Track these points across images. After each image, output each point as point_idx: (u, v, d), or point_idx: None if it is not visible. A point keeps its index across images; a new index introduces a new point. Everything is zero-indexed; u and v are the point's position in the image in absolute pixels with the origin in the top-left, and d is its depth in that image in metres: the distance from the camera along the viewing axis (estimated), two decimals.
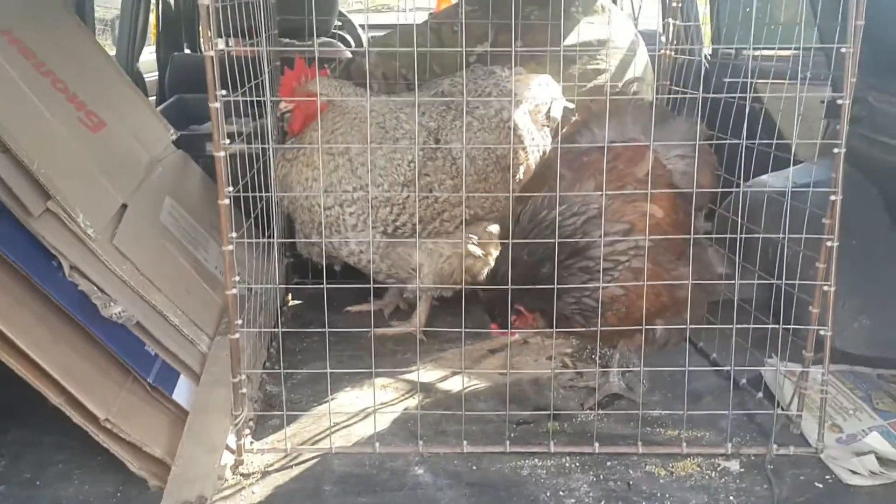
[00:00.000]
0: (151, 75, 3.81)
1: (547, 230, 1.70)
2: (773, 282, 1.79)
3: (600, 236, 1.69)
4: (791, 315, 1.78)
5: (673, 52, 2.39)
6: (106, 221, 1.78)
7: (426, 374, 2.02)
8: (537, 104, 2.32)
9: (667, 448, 1.69)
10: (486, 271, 2.18)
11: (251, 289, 1.92)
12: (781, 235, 1.70)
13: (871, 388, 1.91)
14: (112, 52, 3.46)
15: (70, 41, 2.19)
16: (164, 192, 2.13)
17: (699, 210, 1.87)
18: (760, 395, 1.86)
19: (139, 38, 3.50)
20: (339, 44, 3.89)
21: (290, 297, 2.51)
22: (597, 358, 2.09)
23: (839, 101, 1.60)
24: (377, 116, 2.12)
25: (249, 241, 1.73)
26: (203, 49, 1.56)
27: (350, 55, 4.19)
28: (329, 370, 1.71)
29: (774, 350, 1.89)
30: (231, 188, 1.59)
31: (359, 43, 4.80)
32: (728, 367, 1.87)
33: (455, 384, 1.97)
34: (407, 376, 2.00)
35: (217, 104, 1.55)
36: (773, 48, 2.17)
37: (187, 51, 4.04)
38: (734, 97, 1.88)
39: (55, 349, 1.54)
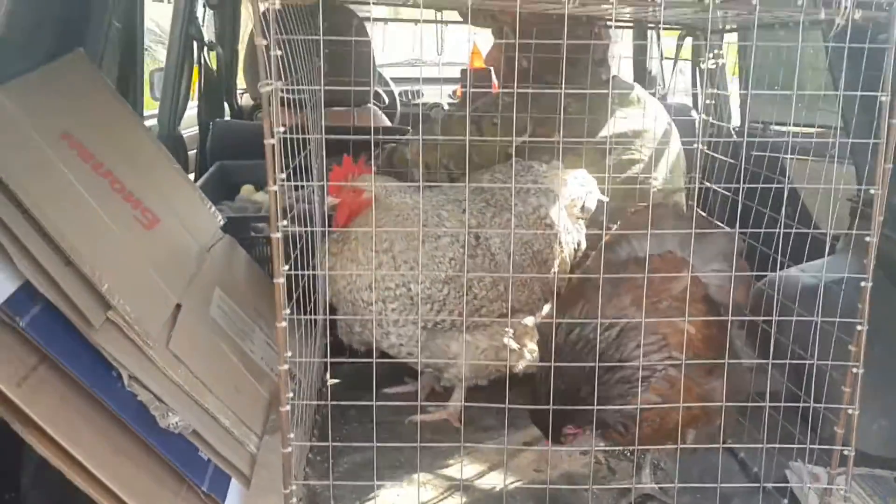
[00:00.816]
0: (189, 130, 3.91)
1: (584, 349, 1.76)
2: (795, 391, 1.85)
3: (636, 347, 1.76)
4: (818, 418, 1.83)
5: (705, 147, 2.44)
6: (162, 325, 1.85)
7: (465, 468, 2.08)
8: (573, 199, 2.39)
9: None
10: (521, 364, 2.24)
11: (295, 376, 1.98)
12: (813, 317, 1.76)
13: (888, 493, 1.95)
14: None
15: (121, 131, 2.26)
16: (214, 284, 2.20)
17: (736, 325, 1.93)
18: (786, 501, 1.91)
19: (182, 101, 3.60)
20: (377, 110, 3.98)
21: (328, 376, 2.57)
22: (629, 455, 2.14)
23: (872, 192, 1.64)
24: (425, 213, 2.19)
25: (298, 317, 1.77)
26: (264, 133, 1.59)
27: (388, 121, 4.29)
28: (375, 481, 1.77)
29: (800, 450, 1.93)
30: (287, 267, 1.63)
31: (393, 104, 4.90)
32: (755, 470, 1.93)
33: (492, 480, 2.03)
34: (446, 471, 2.06)
35: (275, 188, 1.58)
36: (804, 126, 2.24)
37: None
38: (769, 186, 1.91)
39: (115, 462, 1.60)
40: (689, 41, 3.66)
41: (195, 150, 3.86)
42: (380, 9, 3.32)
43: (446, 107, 5.33)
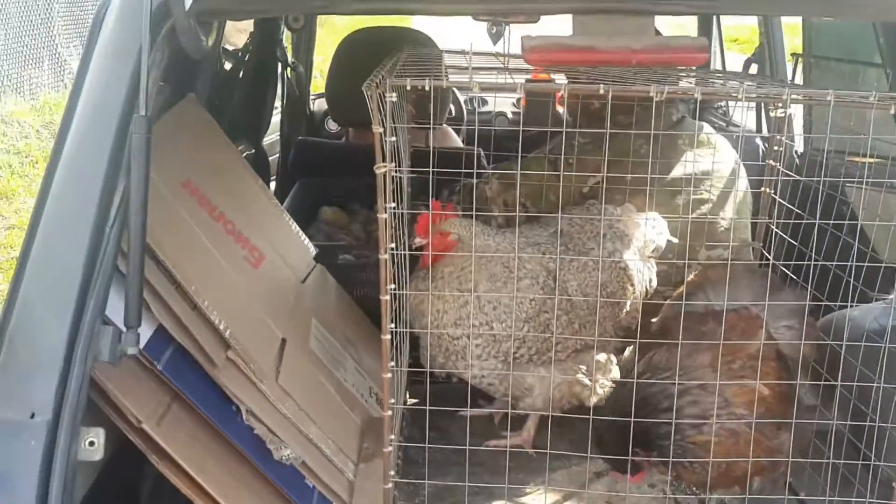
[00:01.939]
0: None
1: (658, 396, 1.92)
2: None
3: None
4: (881, 454, 1.97)
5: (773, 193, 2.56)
6: (271, 361, 2.04)
7: (540, 497, 2.24)
8: (646, 241, 2.53)
9: None
10: (593, 399, 2.40)
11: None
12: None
13: None
14: None
15: (228, 171, 2.44)
16: (311, 315, 2.38)
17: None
18: None
19: (267, 117, 3.78)
20: (450, 130, 4.13)
21: (407, 395, 2.75)
22: (696, 492, 2.28)
23: None
24: (502, 257, 2.35)
25: (401, 330, 1.93)
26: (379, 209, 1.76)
27: (458, 140, 4.43)
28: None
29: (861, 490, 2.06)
30: (393, 286, 1.77)
31: (460, 113, 5.02)
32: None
33: None
34: (523, 499, 2.23)
35: (385, 216, 1.75)
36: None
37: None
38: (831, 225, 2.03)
39: (238, 495, 1.80)
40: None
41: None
42: None
43: (510, 115, 5.45)
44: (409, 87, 1.68)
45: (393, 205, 1.73)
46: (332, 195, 3.47)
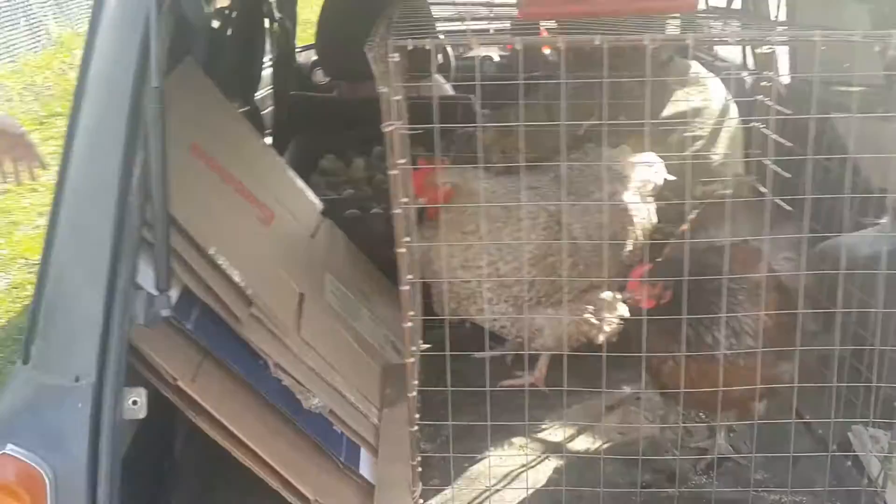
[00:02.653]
0: None
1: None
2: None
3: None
4: (881, 376, 2.06)
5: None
6: (292, 315, 2.11)
7: (556, 432, 2.33)
8: (643, 181, 2.59)
9: None
10: (600, 336, 2.48)
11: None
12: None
13: None
14: None
15: (232, 131, 2.48)
16: (324, 269, 2.45)
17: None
18: (849, 463, 2.15)
19: (257, 74, 3.79)
20: (441, 79, 4.14)
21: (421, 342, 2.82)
22: (705, 417, 2.38)
23: None
24: (500, 199, 2.41)
25: (418, 281, 2.01)
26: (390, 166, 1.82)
27: (451, 90, 4.44)
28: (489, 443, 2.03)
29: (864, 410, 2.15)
30: (408, 238, 1.85)
31: (447, 60, 5.01)
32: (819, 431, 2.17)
33: (583, 443, 2.29)
34: (540, 435, 2.32)
35: (396, 172, 1.80)
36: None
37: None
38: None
39: (272, 442, 1.87)
40: None
41: None
42: None
43: (496, 58, 5.45)
44: (410, 48, 1.71)
45: (403, 160, 1.79)
46: (328, 147, 3.51)
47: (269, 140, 3.95)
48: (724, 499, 2.05)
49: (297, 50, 4.82)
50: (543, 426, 2.34)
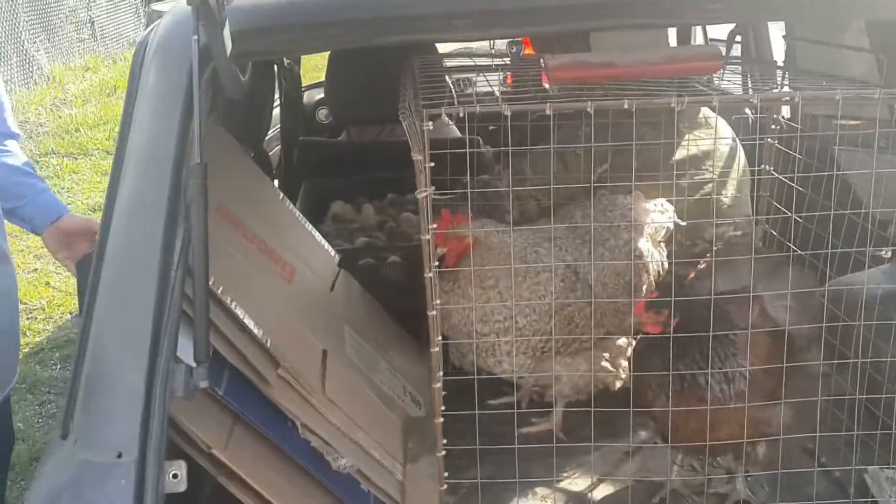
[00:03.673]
0: None
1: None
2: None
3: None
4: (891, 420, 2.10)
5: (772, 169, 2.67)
6: (317, 373, 2.14)
7: (576, 481, 2.35)
8: (657, 227, 2.63)
9: None
10: (617, 384, 2.51)
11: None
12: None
13: None
14: None
15: (252, 188, 2.52)
16: (343, 322, 2.47)
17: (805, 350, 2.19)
18: None
19: (267, 119, 3.83)
20: (449, 121, 4.18)
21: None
22: (722, 463, 2.41)
23: None
24: (519, 251, 2.44)
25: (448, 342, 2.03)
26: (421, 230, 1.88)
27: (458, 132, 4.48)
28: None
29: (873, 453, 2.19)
30: (438, 301, 1.90)
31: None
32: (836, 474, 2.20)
33: (605, 492, 2.31)
34: (561, 485, 2.35)
35: (428, 237, 1.88)
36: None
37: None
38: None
39: (302, 502, 1.90)
40: None
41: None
42: None
43: (497, 92, 5.50)
44: (444, 117, 1.75)
45: (434, 226, 1.82)
46: (338, 192, 3.55)
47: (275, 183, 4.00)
48: None
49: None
50: (565, 474, 2.37)
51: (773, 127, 2.70)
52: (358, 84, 3.55)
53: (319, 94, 4.67)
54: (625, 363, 2.53)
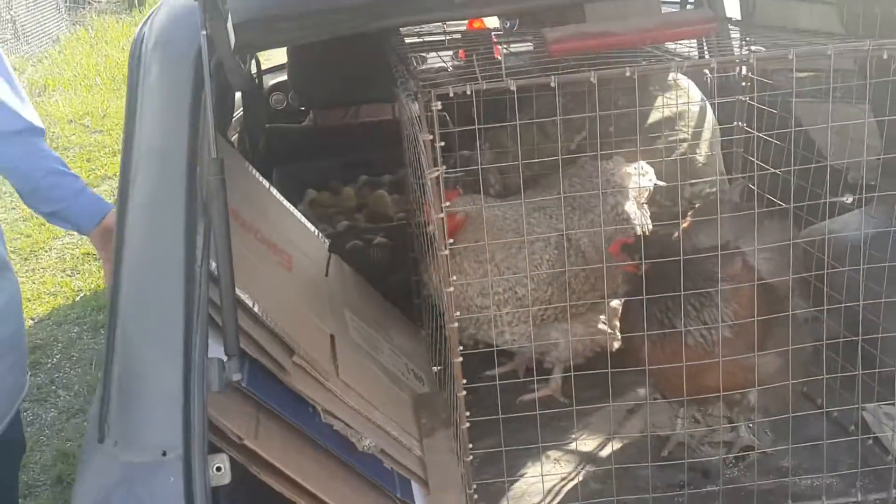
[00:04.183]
0: None
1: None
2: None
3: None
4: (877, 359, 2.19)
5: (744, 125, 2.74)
6: (328, 358, 2.15)
7: (585, 442, 2.41)
8: (640, 190, 2.69)
9: (810, 501, 2.11)
10: (615, 344, 2.58)
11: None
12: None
13: None
14: None
15: (244, 180, 2.50)
16: (343, 306, 2.49)
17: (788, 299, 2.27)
18: (870, 442, 2.28)
19: (230, 108, 3.80)
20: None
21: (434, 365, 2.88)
22: (723, 413, 2.49)
23: None
24: (511, 224, 2.48)
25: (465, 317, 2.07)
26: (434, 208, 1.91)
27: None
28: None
29: (870, 392, 2.29)
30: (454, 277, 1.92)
31: None
32: (826, 410, 2.30)
33: (613, 448, 2.38)
34: (570, 447, 2.40)
35: (441, 215, 1.94)
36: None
37: None
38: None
39: (332, 485, 1.92)
40: None
41: None
42: None
43: (449, 69, 5.51)
44: (451, 94, 1.77)
45: (448, 203, 1.84)
46: (312, 178, 3.54)
47: None
48: (761, 489, 2.15)
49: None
50: (571, 436, 2.42)
51: (743, 84, 2.77)
52: (324, 68, 3.54)
53: (271, 80, 4.63)
54: (619, 324, 2.59)
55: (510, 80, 1.77)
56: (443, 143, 1.84)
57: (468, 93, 1.78)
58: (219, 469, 1.59)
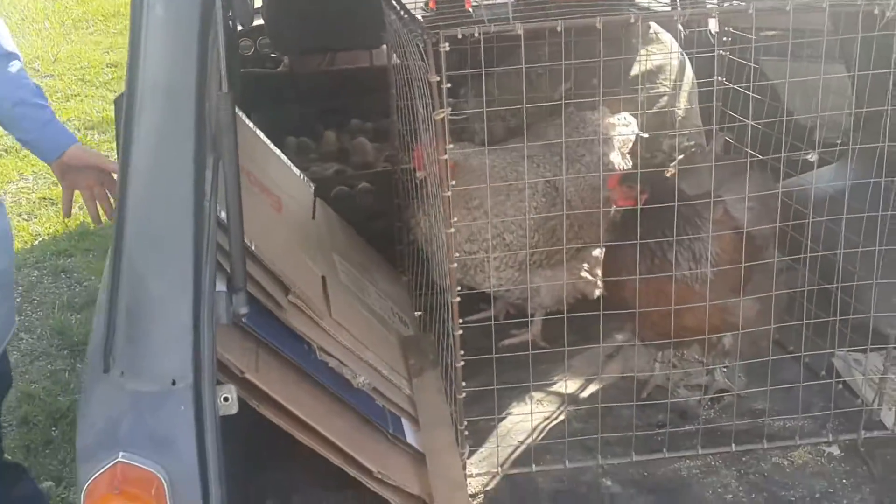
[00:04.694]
0: None
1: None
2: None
3: None
4: (850, 306, 2.29)
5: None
6: (321, 298, 2.18)
7: (569, 384, 2.48)
8: (623, 140, 2.75)
9: (783, 441, 2.21)
10: (596, 292, 2.64)
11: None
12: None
13: None
14: None
15: None
16: (331, 250, 2.52)
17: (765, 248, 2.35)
18: (840, 386, 2.38)
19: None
20: None
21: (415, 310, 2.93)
22: (699, 358, 2.57)
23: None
24: (500, 171, 2.52)
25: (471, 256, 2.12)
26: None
27: None
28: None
29: (841, 338, 2.38)
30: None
31: None
32: (801, 356, 2.39)
33: (593, 390, 2.45)
34: (553, 388, 2.47)
35: (445, 156, 1.99)
36: None
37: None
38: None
39: (329, 420, 1.96)
40: None
41: None
42: None
43: (420, 18, 5.49)
44: (460, 36, 1.79)
45: (451, 146, 1.88)
46: (291, 123, 3.54)
47: None
48: (737, 430, 2.24)
49: None
50: (555, 378, 2.49)
51: (724, 39, 2.83)
52: (300, 14, 3.52)
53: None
54: (600, 271, 2.65)
55: (518, 23, 1.79)
56: (449, 85, 1.85)
57: (475, 35, 1.80)
58: (226, 399, 1.62)
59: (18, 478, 2.51)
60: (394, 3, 2.39)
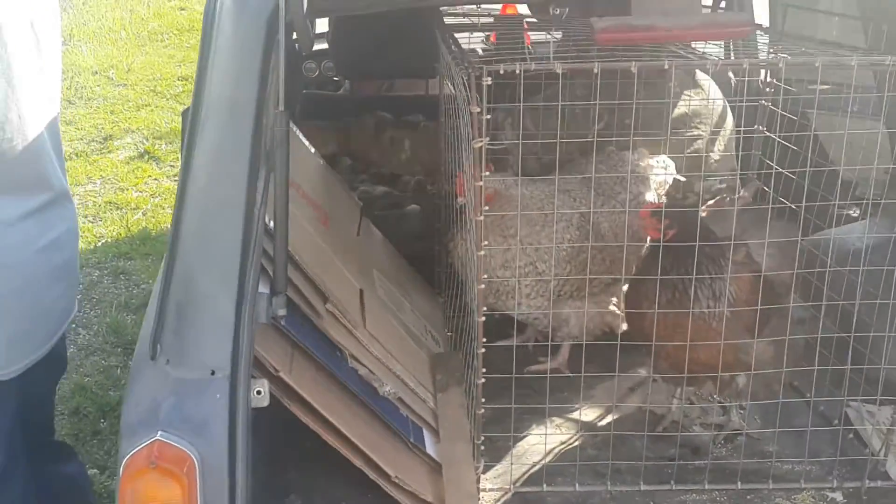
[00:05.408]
0: None
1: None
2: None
3: None
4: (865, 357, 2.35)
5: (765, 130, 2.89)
6: (357, 309, 2.32)
7: (586, 412, 2.57)
8: (660, 182, 2.85)
9: (788, 483, 2.27)
10: (623, 325, 2.73)
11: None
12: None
13: None
14: None
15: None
16: (372, 266, 2.65)
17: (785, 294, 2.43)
18: (851, 436, 2.44)
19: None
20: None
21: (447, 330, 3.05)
22: (717, 397, 2.65)
23: None
24: (537, 202, 2.64)
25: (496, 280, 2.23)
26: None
27: None
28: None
29: (855, 389, 2.44)
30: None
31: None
32: (811, 401, 2.46)
33: (611, 421, 2.54)
34: (572, 415, 2.57)
35: (481, 183, 2.11)
36: None
37: None
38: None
39: (354, 424, 2.08)
40: None
41: None
42: None
43: (480, 52, 5.65)
44: (502, 72, 1.92)
45: (488, 173, 2.00)
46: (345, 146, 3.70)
47: None
48: (745, 469, 2.31)
49: None
50: (574, 406, 2.58)
51: (767, 90, 2.92)
52: (366, 40, 3.69)
53: None
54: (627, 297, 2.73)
55: (557, 62, 1.91)
56: (489, 117, 1.97)
57: (517, 71, 1.92)
58: (259, 392, 1.75)
59: (69, 457, 2.68)
60: (447, 36, 2.53)
